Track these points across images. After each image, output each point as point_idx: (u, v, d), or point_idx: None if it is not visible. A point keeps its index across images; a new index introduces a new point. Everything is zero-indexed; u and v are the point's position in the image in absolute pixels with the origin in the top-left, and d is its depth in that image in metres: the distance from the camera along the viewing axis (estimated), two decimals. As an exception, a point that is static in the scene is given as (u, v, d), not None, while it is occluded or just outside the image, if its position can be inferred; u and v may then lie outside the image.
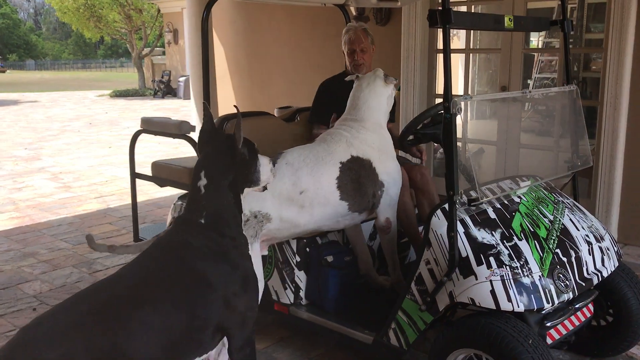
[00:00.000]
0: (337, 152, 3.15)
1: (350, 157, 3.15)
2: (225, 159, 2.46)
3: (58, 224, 6.12)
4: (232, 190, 2.46)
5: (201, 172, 2.44)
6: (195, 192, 2.44)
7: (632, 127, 5.09)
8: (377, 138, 3.28)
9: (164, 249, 2.38)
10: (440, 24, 2.47)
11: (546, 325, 2.66)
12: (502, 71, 5.98)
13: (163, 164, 4.12)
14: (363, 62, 3.87)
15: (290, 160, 3.08)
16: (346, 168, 3.12)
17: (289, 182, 3.01)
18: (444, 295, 2.59)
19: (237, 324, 2.37)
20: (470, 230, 2.65)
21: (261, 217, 2.95)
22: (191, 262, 2.30)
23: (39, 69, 53.43)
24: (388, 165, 3.25)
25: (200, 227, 2.38)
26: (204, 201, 2.41)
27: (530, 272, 2.55)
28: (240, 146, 2.44)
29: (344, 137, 3.22)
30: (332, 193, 3.08)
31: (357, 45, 3.83)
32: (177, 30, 22.82)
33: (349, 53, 3.88)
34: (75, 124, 15.35)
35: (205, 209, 2.40)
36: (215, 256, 2.35)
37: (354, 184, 3.12)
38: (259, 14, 7.74)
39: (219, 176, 2.44)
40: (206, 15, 3.53)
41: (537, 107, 7.72)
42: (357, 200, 3.15)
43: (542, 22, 3.31)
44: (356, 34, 3.82)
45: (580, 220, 3.01)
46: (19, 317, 3.96)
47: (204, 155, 2.50)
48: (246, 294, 2.40)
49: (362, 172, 3.15)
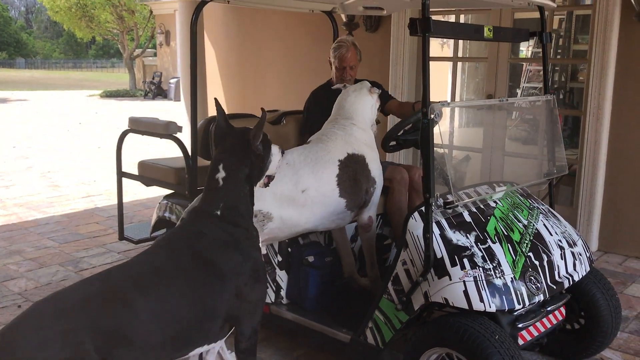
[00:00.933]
0: (335, 150, 3.24)
1: (347, 154, 3.25)
2: (243, 153, 2.56)
3: (45, 223, 6.14)
4: (247, 183, 2.57)
5: (219, 165, 2.53)
6: (213, 184, 2.52)
7: (613, 137, 5.20)
8: (367, 136, 3.41)
9: (177, 239, 2.46)
10: (420, 32, 2.55)
11: (518, 327, 2.74)
12: (489, 80, 6.09)
13: (150, 163, 4.17)
14: (351, 78, 3.97)
15: (291, 160, 3.15)
16: (344, 165, 3.21)
17: (290, 182, 3.07)
18: (419, 295, 2.67)
19: (247, 314, 2.44)
20: (446, 232, 2.72)
21: (262, 217, 3.00)
22: (204, 252, 2.38)
23: (29, 67, 53.15)
24: (377, 162, 3.38)
25: (216, 219, 2.47)
26: (222, 193, 2.50)
27: (502, 274, 2.63)
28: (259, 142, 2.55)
29: (339, 136, 3.32)
30: (333, 190, 3.16)
31: (348, 62, 3.92)
32: (169, 31, 22.85)
33: (338, 68, 3.96)
34: (65, 123, 15.33)
35: (222, 201, 2.49)
36: (227, 246, 2.42)
37: (351, 181, 3.22)
38: (251, 18, 7.81)
39: (237, 169, 2.54)
40: (195, 18, 3.59)
41: (524, 117, 7.83)
42: (353, 197, 3.24)
43: (522, 33, 3.40)
44: (348, 51, 3.89)
45: (554, 226, 3.10)
46: (3, 314, 3.99)
47: (222, 149, 2.59)
48: (256, 284, 2.47)
49: (357, 169, 3.25)
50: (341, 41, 3.97)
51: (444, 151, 2.81)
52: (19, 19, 72.24)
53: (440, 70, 8.67)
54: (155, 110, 18.15)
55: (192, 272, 2.33)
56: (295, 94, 7.15)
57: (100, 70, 51.04)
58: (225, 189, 2.51)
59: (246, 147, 2.56)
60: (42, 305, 2.11)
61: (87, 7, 24.78)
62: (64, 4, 24.70)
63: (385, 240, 4.03)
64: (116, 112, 18.04)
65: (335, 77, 4.02)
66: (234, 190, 2.52)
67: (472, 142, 6.39)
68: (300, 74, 7.30)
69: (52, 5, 25.12)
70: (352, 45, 3.92)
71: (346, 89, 3.55)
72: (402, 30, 6.18)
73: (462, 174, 5.93)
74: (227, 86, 8.38)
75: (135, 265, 2.34)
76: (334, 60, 3.97)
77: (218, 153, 2.60)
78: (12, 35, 56.88)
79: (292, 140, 4.26)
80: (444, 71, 8.30)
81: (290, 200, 3.06)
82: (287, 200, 3.05)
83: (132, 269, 2.32)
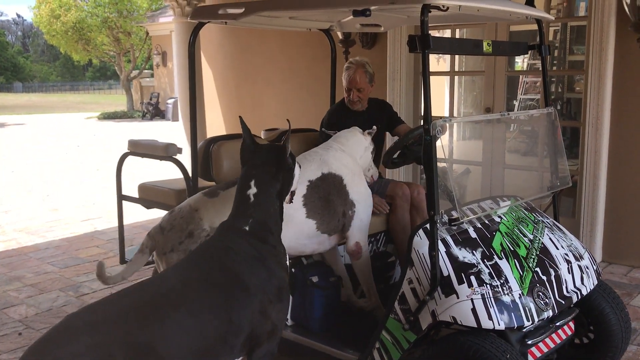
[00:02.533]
0: (308, 170, 3.21)
1: (321, 174, 3.22)
2: (274, 169, 2.56)
3: (45, 247, 6.10)
4: (278, 199, 2.57)
5: (251, 182, 2.53)
6: (244, 200, 2.52)
7: (613, 147, 5.19)
8: (351, 162, 3.38)
9: (205, 253, 2.46)
10: (419, 49, 2.54)
11: (527, 343, 2.70)
12: (486, 93, 6.09)
13: (150, 186, 4.15)
14: (358, 100, 3.97)
15: None
16: (314, 185, 3.18)
17: None
18: (426, 314, 2.63)
19: (267, 334, 2.41)
20: (452, 249, 2.69)
21: None
22: (230, 266, 2.37)
23: (26, 91, 53.25)
24: (359, 186, 3.32)
25: (244, 234, 2.46)
26: (252, 209, 2.50)
27: (510, 290, 2.60)
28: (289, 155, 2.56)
29: (318, 155, 3.32)
30: (297, 210, 3.10)
31: (354, 85, 3.91)
32: (165, 52, 22.98)
33: (346, 89, 3.96)
34: (63, 146, 15.33)
35: (252, 217, 2.49)
36: (253, 261, 2.42)
37: (322, 201, 3.17)
38: (247, 38, 7.83)
39: (269, 185, 2.54)
40: (193, 40, 3.59)
41: (522, 128, 7.83)
42: (325, 219, 3.18)
43: (521, 46, 3.40)
44: (356, 74, 3.88)
45: (559, 240, 3.07)
46: (4, 342, 3.94)
47: (252, 165, 2.58)
48: (280, 304, 2.45)
49: (331, 190, 3.21)
50: (351, 62, 3.97)
51: (445, 165, 2.79)
52: (16, 44, 72.61)
53: (438, 84, 8.68)
54: (154, 131, 18.17)
55: (219, 287, 2.33)
56: (294, 112, 7.14)
57: (98, 93, 51.14)
58: (257, 204, 2.51)
59: (279, 162, 2.57)
60: (74, 318, 2.11)
61: (83, 30, 24.92)
62: (60, 28, 24.84)
63: (389, 257, 3.99)
64: (114, 134, 18.05)
65: (345, 97, 4.02)
66: (265, 206, 2.53)
67: (472, 155, 6.37)
68: (298, 92, 7.30)
69: (49, 29, 25.27)
70: (360, 67, 3.89)
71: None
72: (398, 46, 6.19)
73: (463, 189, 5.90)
74: (225, 106, 8.38)
75: (165, 280, 2.35)
76: (343, 81, 3.97)
77: (248, 169, 2.59)
78: (9, 60, 57.07)
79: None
80: (441, 85, 8.31)
81: None
82: None
83: (163, 284, 2.32)
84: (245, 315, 2.31)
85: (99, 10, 24.50)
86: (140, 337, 2.07)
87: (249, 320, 2.32)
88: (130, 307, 2.16)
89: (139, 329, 2.09)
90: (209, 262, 2.39)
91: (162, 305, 2.18)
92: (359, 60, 3.98)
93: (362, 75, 3.90)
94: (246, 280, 2.35)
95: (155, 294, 2.23)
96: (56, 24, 24.73)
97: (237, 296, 2.32)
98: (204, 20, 3.55)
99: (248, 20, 3.55)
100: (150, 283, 2.35)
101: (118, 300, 2.21)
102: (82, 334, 2.02)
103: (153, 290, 2.26)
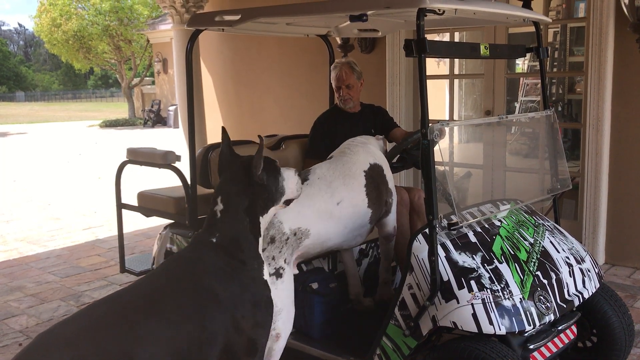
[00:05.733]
0: (359, 161, 3.27)
1: (369, 165, 3.28)
2: (242, 185, 2.52)
3: (46, 257, 6.09)
4: (248, 215, 2.51)
5: (218, 198, 2.51)
6: (212, 216, 2.50)
7: (615, 148, 5.16)
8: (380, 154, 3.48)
9: (178, 263, 2.45)
10: (416, 53, 2.53)
11: (529, 348, 2.67)
12: (486, 96, 6.07)
13: (149, 194, 4.13)
14: (349, 97, 4.03)
15: (321, 174, 3.15)
16: (369, 176, 3.24)
17: (325, 195, 3.06)
18: (427, 320, 2.61)
19: (244, 350, 2.36)
20: (451, 254, 2.68)
21: (300, 234, 2.94)
22: (201, 276, 2.36)
23: (29, 100, 53.39)
24: (391, 175, 3.43)
25: (212, 245, 2.45)
26: (219, 225, 2.48)
27: (511, 294, 2.58)
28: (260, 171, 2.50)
29: (360, 147, 3.37)
30: (363, 200, 3.18)
31: (343, 82, 3.98)
32: (166, 59, 23.01)
33: (336, 89, 4.05)
34: (65, 154, 15.35)
35: (219, 232, 2.47)
36: (222, 273, 2.40)
37: (376, 190, 3.25)
38: (246, 45, 7.83)
39: (235, 202, 2.50)
40: (190, 47, 3.58)
41: (523, 130, 7.81)
42: (377, 208, 3.25)
43: (518, 49, 3.39)
44: (342, 71, 3.96)
45: (560, 243, 3.05)
46: (4, 353, 3.92)
47: (222, 180, 2.57)
48: (255, 319, 2.40)
49: (379, 180, 3.28)
50: (336, 63, 4.06)
51: (444, 169, 2.77)
52: (18, 53, 72.85)
53: (438, 87, 8.67)
54: (155, 139, 18.18)
55: (191, 295, 2.31)
56: (294, 118, 7.14)
57: (100, 101, 51.29)
58: (222, 221, 2.48)
59: (247, 178, 2.51)
60: (46, 336, 2.08)
61: (84, 39, 24.98)
62: (61, 37, 24.91)
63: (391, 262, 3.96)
64: (116, 142, 18.07)
65: (336, 97, 4.10)
66: (231, 223, 2.49)
67: (472, 158, 6.35)
68: (297, 98, 7.29)
69: (50, 38, 25.34)
70: (346, 65, 3.98)
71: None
72: (397, 50, 6.18)
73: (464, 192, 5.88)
74: (225, 113, 8.38)
75: (137, 289, 2.33)
76: (332, 83, 4.06)
77: (219, 184, 2.57)
78: (11, 69, 57.27)
79: (291, 165, 4.22)
80: (441, 89, 8.30)
81: (327, 214, 3.04)
82: (325, 214, 3.04)
83: (134, 292, 2.30)
84: (218, 323, 2.28)
85: (99, 19, 24.57)
86: (114, 347, 2.05)
87: (222, 330, 2.29)
88: (101, 319, 2.13)
89: (112, 339, 2.07)
90: (180, 272, 2.38)
91: (135, 315, 2.16)
92: (342, 60, 4.08)
93: (348, 71, 3.96)
94: (216, 291, 2.33)
95: (126, 304, 2.21)
96: (57, 32, 24.79)
97: (208, 305, 2.30)
98: (201, 28, 3.54)
99: (245, 27, 3.55)
100: (121, 294, 2.31)
101: (89, 313, 2.18)
102: (55, 351, 1.99)
103: (124, 301, 2.24)
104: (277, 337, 2.78)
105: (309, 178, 3.10)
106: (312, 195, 2.97)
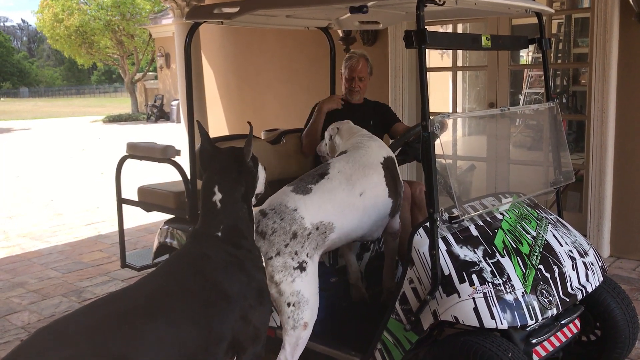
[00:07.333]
0: (375, 154, 3.24)
1: (383, 158, 3.25)
2: (235, 173, 2.52)
3: (48, 253, 6.09)
4: (245, 202, 2.52)
5: (214, 187, 2.48)
6: (211, 207, 2.47)
7: (620, 140, 5.11)
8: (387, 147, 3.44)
9: (181, 261, 2.41)
10: (416, 44, 2.49)
11: (532, 342, 2.65)
12: (490, 88, 6.03)
13: (149, 188, 4.12)
14: (359, 89, 4.03)
15: (340, 167, 3.10)
16: (385, 167, 3.21)
17: (346, 188, 3.03)
18: (428, 314, 2.58)
19: (251, 339, 2.37)
20: (453, 247, 2.64)
21: (324, 229, 2.89)
22: (209, 274, 2.33)
23: (32, 96, 53.43)
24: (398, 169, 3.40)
25: (217, 240, 2.42)
26: (221, 215, 2.46)
27: (513, 288, 2.54)
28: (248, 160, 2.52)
29: (372, 141, 3.33)
30: (384, 191, 3.14)
31: (357, 73, 3.98)
32: (169, 54, 22.97)
33: (347, 79, 4.02)
34: (68, 150, 15.36)
35: (222, 223, 2.44)
36: (232, 267, 2.38)
37: (393, 182, 3.22)
38: (247, 39, 7.79)
39: (233, 189, 2.49)
40: (189, 40, 3.55)
41: (527, 122, 7.76)
42: (396, 199, 3.23)
43: (521, 40, 3.34)
44: (358, 62, 3.96)
45: (563, 236, 3.01)
46: (6, 350, 3.91)
47: (213, 171, 2.54)
48: (261, 307, 2.41)
49: (393, 171, 3.26)
50: (353, 53, 4.06)
51: (446, 162, 2.73)
52: (21, 49, 72.90)
53: (441, 80, 8.62)
54: (158, 134, 18.19)
55: (198, 295, 2.28)
56: (295, 112, 7.10)
57: (103, 96, 51.30)
58: (224, 210, 2.47)
59: (239, 165, 2.51)
60: (44, 332, 2.05)
61: (86, 34, 24.97)
62: (63, 32, 24.90)
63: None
64: (119, 137, 18.06)
65: (344, 87, 4.07)
66: (233, 210, 2.48)
67: (476, 151, 6.30)
68: (298, 92, 7.26)
69: (52, 33, 25.33)
70: (363, 57, 3.99)
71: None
72: (399, 42, 6.13)
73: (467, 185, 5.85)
74: (227, 107, 8.36)
75: (141, 289, 2.29)
76: (344, 71, 4.04)
77: (209, 175, 2.54)
78: (15, 65, 57.27)
79: (292, 159, 4.20)
80: (444, 81, 8.24)
81: (350, 206, 3.01)
82: (347, 207, 3.00)
83: (139, 293, 2.26)
84: (227, 323, 2.26)
85: (101, 14, 24.56)
86: (113, 348, 2.01)
87: (230, 328, 2.27)
88: (103, 319, 2.09)
89: (112, 340, 2.03)
90: (186, 270, 2.34)
91: (138, 316, 2.12)
92: (359, 51, 4.07)
93: (364, 65, 3.99)
94: (226, 288, 2.31)
95: (129, 305, 2.17)
96: (59, 28, 24.79)
97: (218, 305, 2.27)
98: (200, 20, 3.51)
99: (244, 19, 3.51)
100: (124, 293, 2.27)
101: (90, 312, 2.14)
102: (50, 349, 1.95)
103: (127, 301, 2.20)
104: (304, 327, 2.79)
105: (329, 172, 3.04)
106: (333, 189, 2.94)
